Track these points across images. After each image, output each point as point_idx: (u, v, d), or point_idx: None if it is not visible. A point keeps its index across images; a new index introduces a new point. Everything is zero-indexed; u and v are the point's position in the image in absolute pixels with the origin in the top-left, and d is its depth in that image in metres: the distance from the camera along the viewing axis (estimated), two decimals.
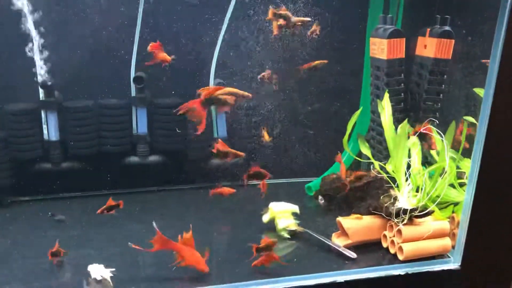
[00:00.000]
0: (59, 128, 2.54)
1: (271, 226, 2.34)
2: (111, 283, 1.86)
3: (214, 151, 2.00)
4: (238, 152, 2.02)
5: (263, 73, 2.48)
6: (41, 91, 2.48)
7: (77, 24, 2.45)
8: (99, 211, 2.11)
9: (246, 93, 1.93)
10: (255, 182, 2.27)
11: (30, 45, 2.39)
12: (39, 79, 2.44)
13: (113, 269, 1.91)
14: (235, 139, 2.79)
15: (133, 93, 2.60)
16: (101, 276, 1.88)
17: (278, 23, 2.14)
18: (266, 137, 2.40)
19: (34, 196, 2.59)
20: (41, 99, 2.49)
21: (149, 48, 2.09)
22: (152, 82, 2.60)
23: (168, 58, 2.09)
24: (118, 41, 2.53)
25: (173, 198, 2.71)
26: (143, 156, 2.68)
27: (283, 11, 2.13)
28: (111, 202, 2.12)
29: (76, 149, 2.58)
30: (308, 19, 2.22)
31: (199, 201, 2.65)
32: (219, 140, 2.13)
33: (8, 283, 1.87)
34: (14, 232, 2.29)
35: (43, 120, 2.52)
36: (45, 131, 2.53)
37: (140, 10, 2.46)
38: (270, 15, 2.13)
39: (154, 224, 1.86)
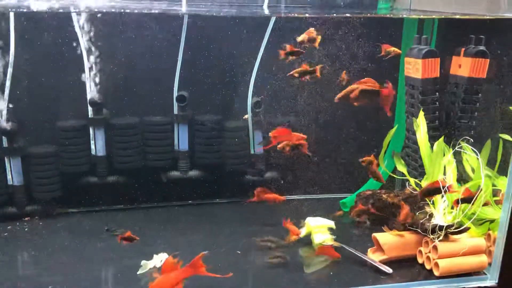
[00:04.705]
0: (106, 143, 2.69)
1: (307, 240, 2.40)
2: None
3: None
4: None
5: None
6: (90, 108, 2.63)
7: (123, 45, 2.61)
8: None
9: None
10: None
11: (81, 65, 2.55)
12: (88, 97, 2.60)
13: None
14: (272, 155, 2.89)
15: (176, 111, 2.74)
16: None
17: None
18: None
19: (81, 208, 2.73)
20: (89, 116, 2.65)
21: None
22: (193, 101, 2.74)
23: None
24: (162, 61, 2.68)
25: (211, 212, 2.81)
26: (184, 171, 2.80)
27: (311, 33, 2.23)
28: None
29: (121, 164, 2.72)
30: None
31: (236, 215, 2.77)
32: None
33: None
34: (60, 241, 2.42)
35: (91, 136, 2.67)
36: (92, 147, 2.68)
37: (184, 31, 2.60)
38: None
39: None
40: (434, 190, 2.11)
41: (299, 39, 2.24)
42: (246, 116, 2.77)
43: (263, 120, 2.81)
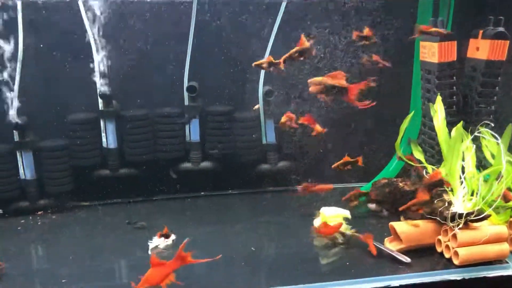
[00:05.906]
0: (117, 136, 2.67)
1: None
2: None
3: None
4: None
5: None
6: (100, 101, 2.61)
7: (134, 37, 2.58)
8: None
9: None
10: None
11: (91, 57, 2.52)
12: (98, 89, 2.57)
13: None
14: (283, 145, 2.85)
15: (186, 102, 2.70)
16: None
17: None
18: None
19: (93, 201, 2.72)
20: (100, 109, 2.62)
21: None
22: (204, 91, 2.70)
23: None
24: (172, 52, 2.64)
25: (223, 203, 2.78)
26: (196, 162, 2.77)
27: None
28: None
29: (133, 156, 2.69)
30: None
31: (248, 205, 2.75)
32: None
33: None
34: (73, 234, 2.42)
35: (102, 128, 2.64)
36: (103, 139, 2.66)
37: (193, 22, 2.56)
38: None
39: None
40: (436, 183, 2.08)
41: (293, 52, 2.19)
42: (257, 106, 2.72)
43: (275, 108, 2.76)
